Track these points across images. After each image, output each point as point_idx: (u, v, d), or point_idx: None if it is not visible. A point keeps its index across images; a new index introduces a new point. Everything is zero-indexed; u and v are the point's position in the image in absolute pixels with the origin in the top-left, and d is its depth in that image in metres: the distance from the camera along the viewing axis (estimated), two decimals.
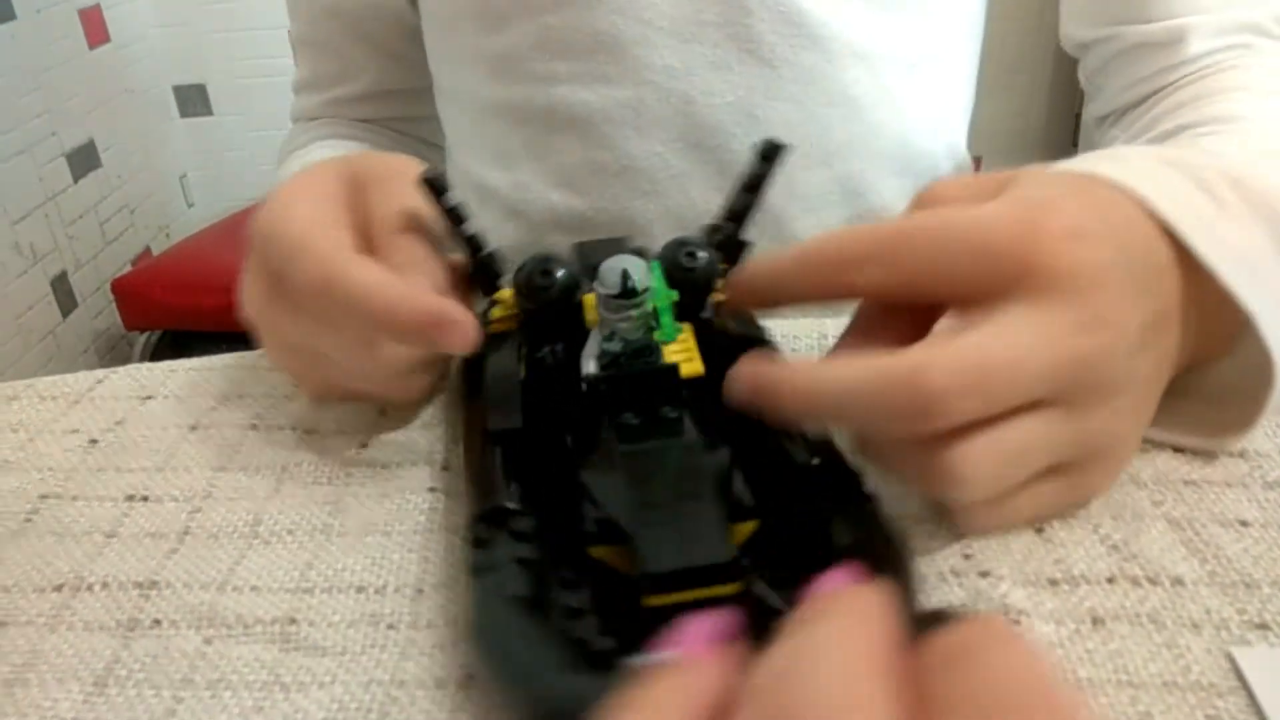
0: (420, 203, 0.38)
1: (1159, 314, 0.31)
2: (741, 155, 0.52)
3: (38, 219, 1.66)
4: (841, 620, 0.19)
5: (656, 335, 0.31)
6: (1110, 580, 0.30)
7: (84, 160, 1.79)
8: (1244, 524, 0.32)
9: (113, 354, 1.97)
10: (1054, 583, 0.30)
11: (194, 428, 0.41)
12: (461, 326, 0.32)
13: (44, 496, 0.37)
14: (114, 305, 1.84)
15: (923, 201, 0.33)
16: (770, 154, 0.37)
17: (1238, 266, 0.31)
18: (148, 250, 2.08)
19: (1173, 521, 0.32)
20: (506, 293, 0.37)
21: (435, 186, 0.36)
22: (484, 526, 0.28)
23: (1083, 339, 0.28)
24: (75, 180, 1.76)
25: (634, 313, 0.31)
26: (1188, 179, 0.34)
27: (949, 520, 0.32)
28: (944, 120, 0.61)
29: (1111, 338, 0.29)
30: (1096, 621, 0.28)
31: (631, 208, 0.56)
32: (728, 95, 0.53)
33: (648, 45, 0.53)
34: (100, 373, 0.45)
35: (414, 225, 0.38)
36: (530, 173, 0.57)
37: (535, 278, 0.34)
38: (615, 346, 0.30)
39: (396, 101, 0.69)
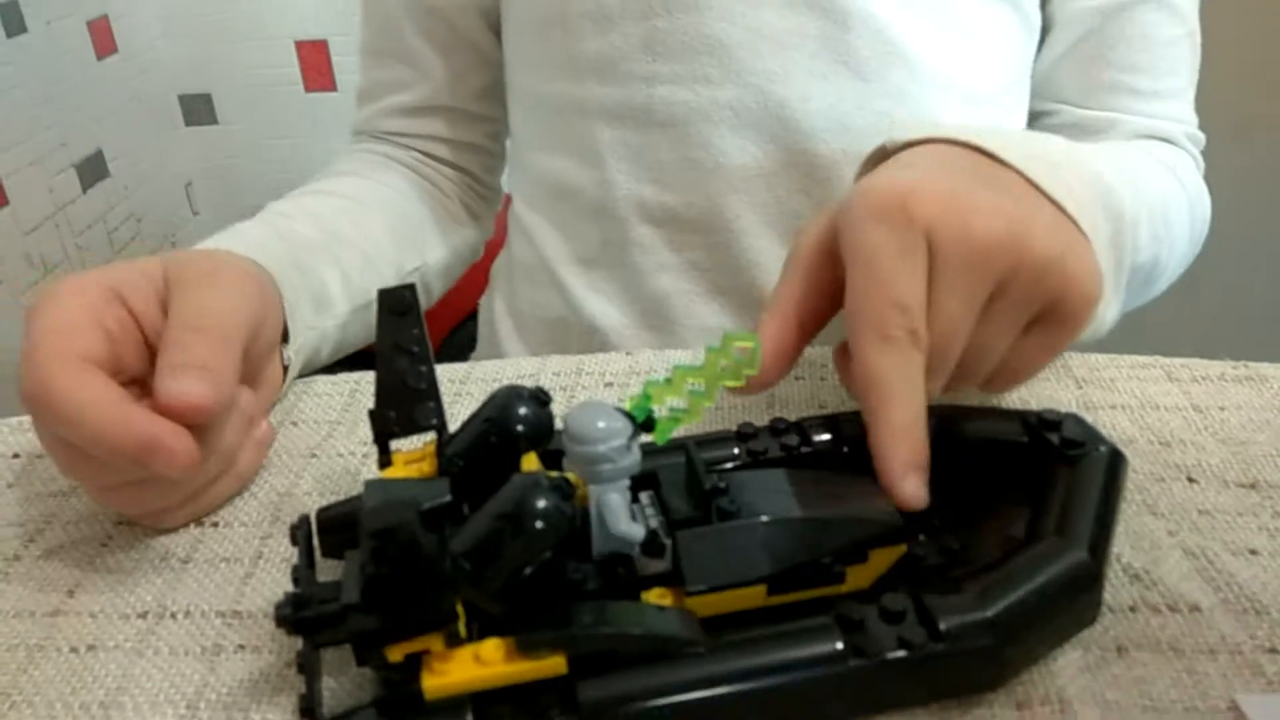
0: (225, 302, 0.37)
1: (992, 176, 0.37)
2: (829, 160, 0.57)
3: (48, 230, 1.67)
4: None
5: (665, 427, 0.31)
6: (1133, 609, 0.32)
7: (93, 170, 1.80)
8: (1254, 552, 0.34)
9: None
10: None
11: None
12: (171, 453, 0.33)
13: (118, 524, 0.39)
14: None
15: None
16: (404, 305, 0.34)
17: (1040, 166, 0.38)
18: None
19: (1188, 551, 0.34)
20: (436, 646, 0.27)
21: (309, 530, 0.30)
22: None
23: (955, 264, 0.33)
24: (84, 190, 1.77)
25: (640, 438, 0.30)
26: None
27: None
28: None
29: (978, 223, 0.33)
30: (1121, 650, 0.30)
31: (721, 203, 0.58)
32: (821, 102, 0.56)
33: (752, 50, 0.56)
34: None
35: (203, 323, 0.36)
36: (618, 171, 0.60)
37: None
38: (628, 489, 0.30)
39: (448, 120, 0.69)
